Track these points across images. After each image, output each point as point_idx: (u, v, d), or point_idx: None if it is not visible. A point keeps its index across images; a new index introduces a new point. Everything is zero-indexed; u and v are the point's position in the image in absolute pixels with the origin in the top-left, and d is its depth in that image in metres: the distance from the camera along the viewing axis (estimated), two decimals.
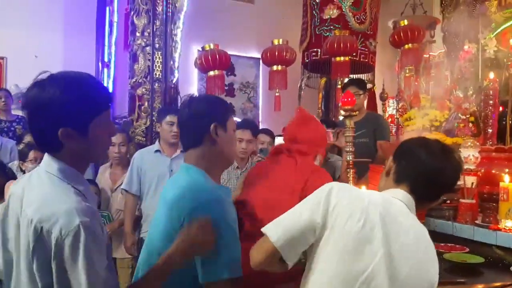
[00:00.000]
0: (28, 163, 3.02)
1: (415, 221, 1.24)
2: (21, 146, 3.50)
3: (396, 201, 1.23)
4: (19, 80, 4.93)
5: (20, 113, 4.40)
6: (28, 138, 3.53)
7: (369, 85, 4.41)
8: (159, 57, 3.57)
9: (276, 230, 1.19)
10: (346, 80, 3.66)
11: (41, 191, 1.10)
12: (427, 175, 1.25)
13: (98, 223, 1.11)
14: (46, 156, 1.16)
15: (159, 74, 3.60)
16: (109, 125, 1.21)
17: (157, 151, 3.07)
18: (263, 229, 1.21)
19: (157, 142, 3.17)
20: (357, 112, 2.83)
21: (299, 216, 1.19)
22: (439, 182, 1.28)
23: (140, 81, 3.56)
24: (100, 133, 1.15)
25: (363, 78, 4.32)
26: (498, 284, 1.62)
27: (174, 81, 3.80)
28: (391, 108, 5.75)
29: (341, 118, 4.18)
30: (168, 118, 3.03)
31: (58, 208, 1.04)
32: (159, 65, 3.59)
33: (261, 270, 1.25)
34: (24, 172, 3.10)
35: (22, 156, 3.08)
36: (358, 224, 1.14)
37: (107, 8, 5.23)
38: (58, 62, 5.16)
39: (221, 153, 1.44)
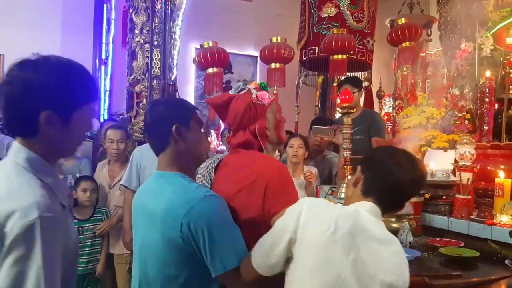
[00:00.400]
0: None
1: (383, 229, 1.25)
2: None
3: (364, 212, 1.25)
4: None
5: None
6: None
7: (365, 83, 4.45)
8: (157, 55, 3.57)
9: (257, 258, 1.26)
10: (342, 78, 3.69)
11: (2, 183, 1.04)
12: (395, 187, 1.28)
13: (62, 220, 1.07)
14: (15, 144, 1.11)
15: (157, 72, 3.60)
16: (90, 119, 1.20)
17: None
18: (251, 252, 1.29)
19: None
20: (354, 109, 2.86)
21: (275, 238, 1.24)
22: (405, 193, 1.32)
23: (138, 78, 3.57)
24: (80, 124, 1.14)
25: (360, 76, 4.35)
26: (493, 277, 1.65)
27: (172, 78, 3.81)
28: (387, 106, 5.79)
29: (338, 115, 4.22)
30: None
31: (17, 203, 0.99)
32: (157, 63, 3.59)
33: None
34: None
35: None
36: (328, 232, 1.16)
37: (105, 6, 5.22)
38: None
39: (189, 152, 1.45)
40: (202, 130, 1.54)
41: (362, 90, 3.69)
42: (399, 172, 1.27)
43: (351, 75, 3.98)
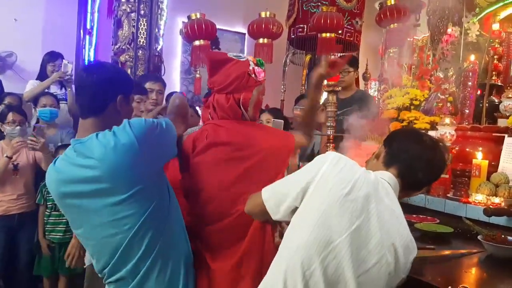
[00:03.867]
0: (6, 125, 2.99)
1: (398, 206, 1.25)
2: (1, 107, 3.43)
3: (384, 182, 1.24)
4: None
5: None
6: (8, 100, 3.45)
7: None
8: (144, 24, 3.51)
9: (268, 190, 1.30)
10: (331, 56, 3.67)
11: None
12: (415, 160, 1.27)
13: None
14: None
15: (143, 42, 3.55)
16: None
17: None
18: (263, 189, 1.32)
19: None
20: (339, 88, 2.86)
21: (292, 180, 1.26)
22: (426, 170, 1.30)
23: (123, 47, 3.51)
24: None
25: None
26: (464, 251, 1.70)
27: (158, 49, 3.76)
28: (372, 90, 5.82)
29: (324, 95, 4.22)
30: (148, 84, 2.94)
31: None
32: (143, 32, 3.53)
33: None
34: (2, 133, 3.05)
35: (1, 118, 3.03)
36: (343, 191, 1.14)
37: None
38: (38, 27, 5.03)
39: (118, 124, 1.40)
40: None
41: (357, 70, 3.66)
42: (420, 145, 1.29)
43: (339, 55, 3.97)
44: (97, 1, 5.11)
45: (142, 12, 3.52)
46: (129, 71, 3.51)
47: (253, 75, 1.56)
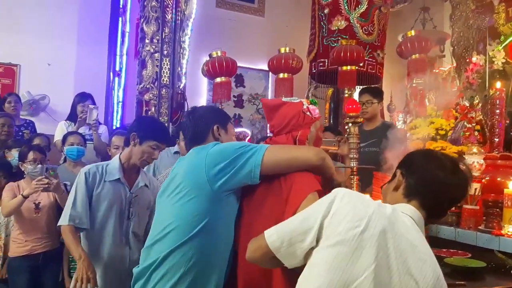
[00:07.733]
0: (27, 163, 2.99)
1: (422, 242, 1.16)
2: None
3: (406, 216, 1.17)
4: (32, 87, 5.05)
5: (28, 118, 4.47)
6: (37, 141, 3.56)
7: None
8: (167, 64, 3.63)
9: (273, 232, 1.19)
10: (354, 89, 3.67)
11: None
12: (440, 191, 1.21)
13: None
14: None
15: (166, 80, 3.66)
16: None
17: (176, 152, 3.07)
18: (265, 231, 1.21)
19: (177, 144, 3.16)
20: (361, 119, 2.82)
21: (300, 221, 1.17)
22: (450, 198, 1.25)
23: (147, 86, 3.62)
24: None
25: None
26: (499, 287, 1.59)
27: (181, 87, 3.85)
28: (400, 122, 5.74)
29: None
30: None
31: None
32: (167, 72, 3.64)
33: None
34: (23, 172, 3.07)
35: (21, 157, 3.04)
36: (357, 230, 1.07)
37: (120, 19, 5.32)
38: (70, 70, 5.27)
39: None
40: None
41: (382, 101, 3.61)
42: (443, 175, 1.21)
43: (360, 88, 3.95)
44: (125, 44, 5.33)
45: (165, 52, 3.65)
46: (153, 109, 3.59)
47: (308, 113, 1.66)
